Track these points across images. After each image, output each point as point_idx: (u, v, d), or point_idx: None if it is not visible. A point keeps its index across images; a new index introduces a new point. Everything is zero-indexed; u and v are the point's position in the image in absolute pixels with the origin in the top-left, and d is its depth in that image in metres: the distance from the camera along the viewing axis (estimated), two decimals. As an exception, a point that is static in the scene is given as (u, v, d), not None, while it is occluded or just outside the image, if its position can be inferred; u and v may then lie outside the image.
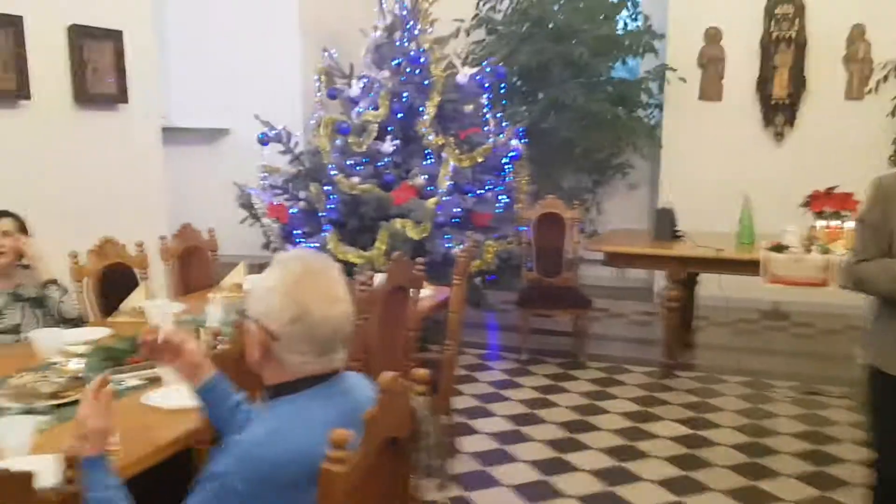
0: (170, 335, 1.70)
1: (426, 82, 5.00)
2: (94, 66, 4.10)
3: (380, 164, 4.94)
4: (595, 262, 5.38)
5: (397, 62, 5.05)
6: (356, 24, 5.49)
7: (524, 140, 5.41)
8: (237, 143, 6.09)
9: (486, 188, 5.07)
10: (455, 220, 4.79)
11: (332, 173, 4.81)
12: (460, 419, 3.95)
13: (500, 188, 5.14)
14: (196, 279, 3.97)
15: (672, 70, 6.22)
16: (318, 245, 4.77)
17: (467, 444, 3.68)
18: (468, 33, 6.31)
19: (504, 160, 5.19)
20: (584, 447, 3.67)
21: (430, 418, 1.48)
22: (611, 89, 6.41)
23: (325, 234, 4.78)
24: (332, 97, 5.31)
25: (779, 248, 4.20)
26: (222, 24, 6.10)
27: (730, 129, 6.28)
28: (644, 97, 6.48)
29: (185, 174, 5.68)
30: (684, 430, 3.88)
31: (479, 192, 5.03)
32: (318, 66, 5.35)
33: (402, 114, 5.00)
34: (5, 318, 2.89)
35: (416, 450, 1.49)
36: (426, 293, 3.31)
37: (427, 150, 4.99)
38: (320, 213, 4.84)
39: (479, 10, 6.59)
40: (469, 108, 5.23)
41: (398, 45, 5.12)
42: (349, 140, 4.94)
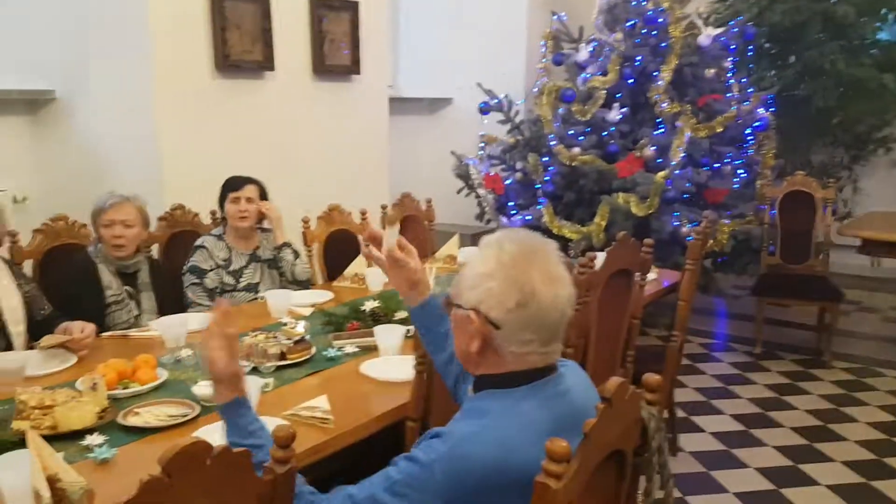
0: (394, 249, 1.61)
1: (663, 45, 4.67)
2: (332, 37, 4.26)
3: (604, 133, 4.70)
4: (848, 249, 4.85)
5: (631, 23, 4.76)
6: (588, -16, 5.24)
7: (771, 109, 4.91)
8: (458, 112, 6.10)
9: (724, 161, 4.64)
10: (685, 195, 4.43)
11: (552, 143, 4.65)
12: (682, 414, 3.66)
13: (739, 161, 4.70)
14: (412, 248, 4.03)
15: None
16: (531, 218, 4.65)
17: (688, 442, 3.40)
18: (712, -9, 5.80)
19: (747, 131, 4.75)
20: (825, 458, 3.26)
21: (661, 432, 1.29)
22: (876, 53, 5.60)
23: (540, 206, 4.65)
24: (557, 63, 5.12)
25: None
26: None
27: None
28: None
29: (406, 144, 5.80)
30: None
31: (716, 165, 4.62)
32: (545, 30, 5.18)
33: (632, 79, 4.72)
34: (245, 278, 3.09)
35: (642, 466, 1.31)
36: (650, 277, 3.05)
37: (659, 119, 4.67)
38: (537, 185, 4.72)
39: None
40: (710, 72, 4.80)
41: (633, 5, 4.82)
42: (573, 108, 4.74)
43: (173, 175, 3.52)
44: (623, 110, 4.68)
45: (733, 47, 4.85)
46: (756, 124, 4.73)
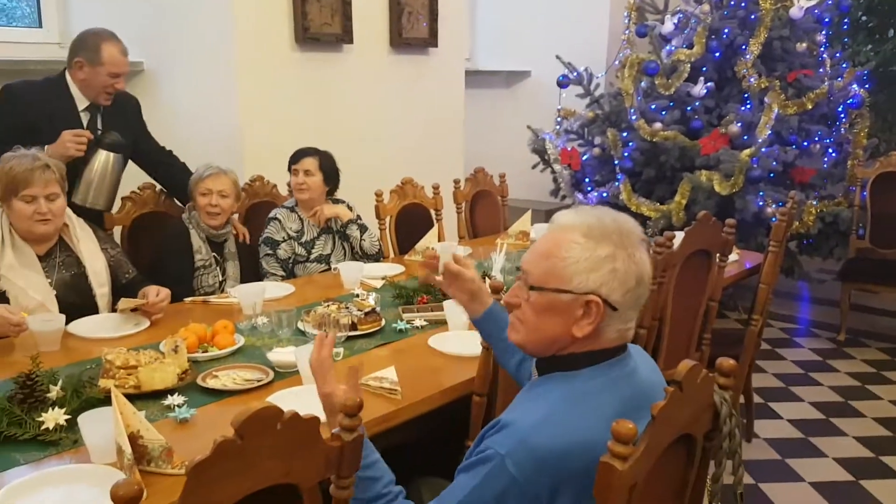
0: (449, 263, 1.70)
1: (752, 17, 4.47)
2: (409, 9, 4.24)
3: (688, 108, 4.55)
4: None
5: (720, -6, 4.57)
6: (674, -47, 5.05)
7: (866, 85, 4.65)
8: (536, 86, 6.00)
9: (814, 140, 4.43)
10: (771, 174, 4.26)
11: (633, 118, 4.53)
12: (759, 400, 3.54)
13: (829, 140, 4.48)
14: (484, 224, 4.02)
15: None
16: (607, 195, 4.56)
17: (765, 428, 3.30)
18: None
19: (839, 108, 4.52)
20: (912, 453, 3.11)
21: (734, 418, 1.25)
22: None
23: (617, 183, 4.55)
24: (641, 35, 4.96)
25: None
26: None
27: None
28: None
29: (482, 117, 5.76)
30: None
31: (804, 143, 4.42)
32: (628, 1, 5.03)
33: (719, 53, 4.54)
34: (317, 249, 3.15)
35: (712, 451, 1.28)
36: (731, 258, 2.95)
37: (745, 94, 4.49)
38: (615, 161, 4.61)
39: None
40: (801, 46, 4.56)
41: (722, -25, 4.62)
42: (656, 82, 4.60)
43: (253, 146, 3.59)
44: (708, 85, 4.52)
45: (827, 20, 4.62)
46: (849, 101, 4.48)
